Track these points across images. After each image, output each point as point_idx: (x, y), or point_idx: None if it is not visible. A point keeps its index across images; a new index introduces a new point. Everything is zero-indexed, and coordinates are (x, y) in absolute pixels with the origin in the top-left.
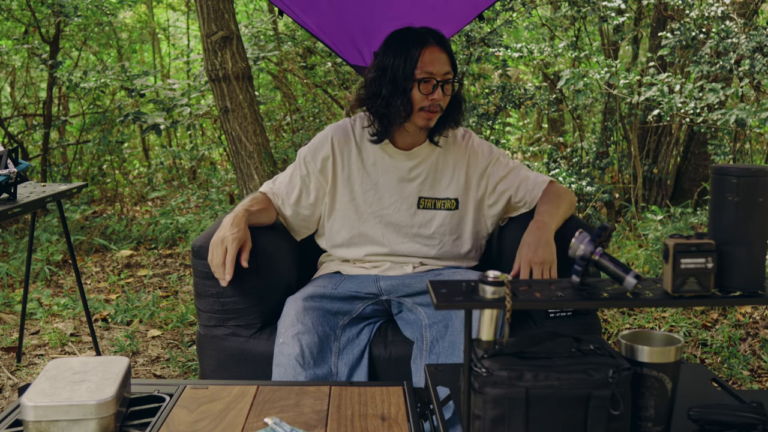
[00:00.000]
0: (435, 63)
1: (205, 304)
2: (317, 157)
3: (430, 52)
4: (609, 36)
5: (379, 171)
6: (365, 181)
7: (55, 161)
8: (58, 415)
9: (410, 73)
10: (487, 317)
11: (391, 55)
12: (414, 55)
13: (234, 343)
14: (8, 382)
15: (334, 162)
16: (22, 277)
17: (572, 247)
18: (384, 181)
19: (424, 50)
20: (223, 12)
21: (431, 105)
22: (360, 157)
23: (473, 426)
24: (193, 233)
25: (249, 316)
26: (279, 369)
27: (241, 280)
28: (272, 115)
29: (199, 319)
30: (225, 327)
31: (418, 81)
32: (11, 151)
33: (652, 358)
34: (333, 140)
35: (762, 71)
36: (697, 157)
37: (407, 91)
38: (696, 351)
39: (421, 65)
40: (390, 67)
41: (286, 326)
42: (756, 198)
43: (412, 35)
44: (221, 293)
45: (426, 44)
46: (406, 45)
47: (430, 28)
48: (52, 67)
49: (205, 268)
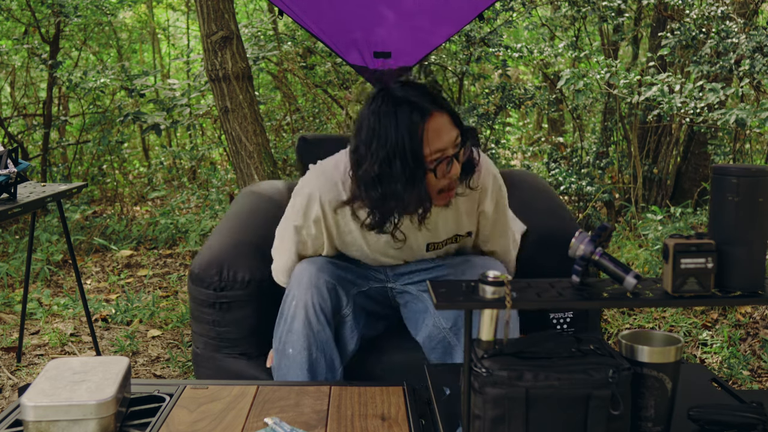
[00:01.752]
0: (442, 134)
1: (201, 329)
2: (308, 220)
3: (433, 123)
4: (609, 36)
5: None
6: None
7: (55, 161)
8: (58, 415)
9: (419, 159)
10: (487, 317)
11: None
12: (417, 135)
13: (231, 365)
14: (8, 382)
15: (326, 225)
16: (22, 277)
17: (572, 247)
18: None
19: (427, 124)
20: (223, 12)
21: (449, 183)
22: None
23: (473, 426)
24: (193, 233)
25: (245, 345)
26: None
27: (237, 310)
28: (272, 115)
29: (194, 342)
30: (221, 353)
31: (430, 167)
32: (11, 151)
33: (652, 358)
34: (322, 201)
35: (762, 71)
36: (697, 157)
37: (421, 181)
38: (696, 351)
39: (428, 144)
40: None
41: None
42: (756, 198)
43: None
44: (217, 321)
45: (425, 114)
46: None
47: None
48: (52, 67)
49: (202, 295)
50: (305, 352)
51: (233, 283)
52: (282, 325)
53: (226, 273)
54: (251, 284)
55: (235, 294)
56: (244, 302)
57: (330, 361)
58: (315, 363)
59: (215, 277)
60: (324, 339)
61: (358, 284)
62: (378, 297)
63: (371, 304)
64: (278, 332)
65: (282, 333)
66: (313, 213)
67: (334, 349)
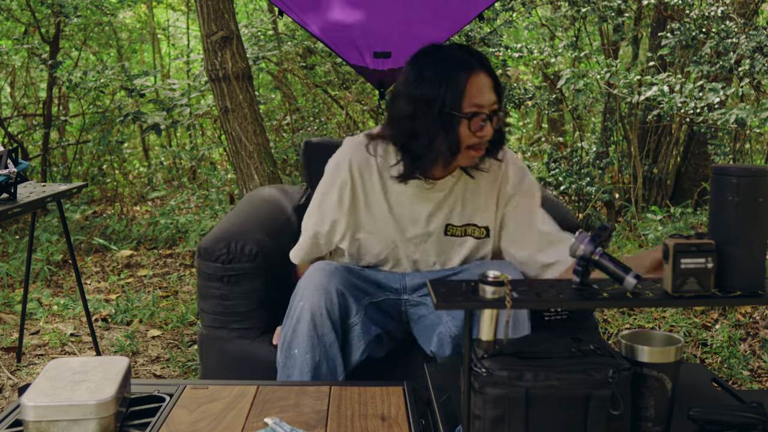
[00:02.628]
0: (483, 92)
1: (209, 305)
2: (334, 186)
3: (477, 80)
4: (609, 36)
5: (403, 203)
6: (387, 212)
7: (55, 161)
8: (58, 415)
9: (457, 107)
10: (486, 317)
11: (428, 83)
12: (460, 84)
13: (237, 346)
14: (8, 382)
15: (353, 188)
16: (22, 277)
17: (572, 247)
18: (408, 213)
19: (471, 78)
20: (223, 12)
21: (480, 143)
22: (383, 188)
23: (473, 426)
24: (193, 233)
25: (252, 319)
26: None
27: (245, 283)
28: (272, 115)
29: (201, 321)
30: (228, 329)
31: (466, 116)
32: (11, 151)
33: (652, 358)
34: (351, 164)
35: (762, 71)
36: (697, 157)
37: (453, 129)
38: (696, 351)
39: (469, 97)
40: (430, 100)
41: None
42: (756, 198)
43: (453, 58)
44: (225, 296)
45: (472, 70)
46: (447, 71)
47: (468, 48)
48: (52, 67)
49: (210, 270)
50: (309, 355)
51: (241, 256)
52: (288, 324)
53: (234, 246)
54: (259, 257)
55: (243, 267)
56: (252, 275)
57: (333, 366)
58: (318, 366)
59: (223, 250)
60: (328, 343)
61: (372, 294)
62: (391, 311)
63: (383, 318)
64: (284, 329)
65: (288, 331)
66: (340, 177)
67: (337, 354)
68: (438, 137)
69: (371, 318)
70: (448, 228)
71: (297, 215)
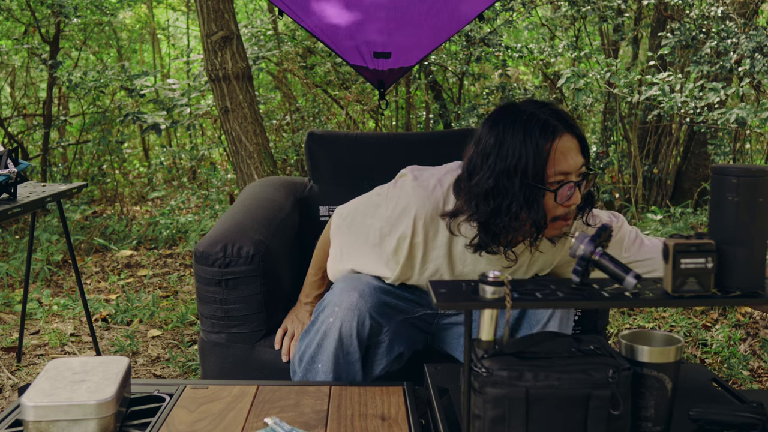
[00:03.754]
0: (569, 157)
1: (208, 310)
2: (393, 234)
3: (562, 143)
4: (609, 36)
5: (466, 261)
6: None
7: (55, 161)
8: (58, 415)
9: (540, 176)
10: (487, 317)
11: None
12: (543, 151)
13: (237, 351)
14: (8, 382)
15: (411, 245)
16: (22, 277)
17: (572, 247)
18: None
19: (557, 142)
20: (223, 12)
21: (568, 212)
22: (449, 248)
23: (473, 426)
24: (193, 233)
25: (253, 323)
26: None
27: (243, 286)
28: (272, 115)
29: (202, 325)
30: (228, 334)
31: (551, 188)
32: (11, 151)
33: (652, 358)
34: (417, 216)
35: (762, 71)
36: (697, 157)
37: (538, 202)
38: (696, 351)
39: (554, 164)
40: (510, 172)
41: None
42: (756, 198)
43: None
44: (224, 300)
45: (557, 133)
46: (528, 138)
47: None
48: (52, 67)
49: (207, 274)
50: (332, 373)
51: (238, 259)
52: (313, 337)
53: (231, 249)
54: (256, 258)
55: (241, 270)
56: (251, 278)
57: (351, 380)
58: (339, 380)
59: (220, 254)
60: (352, 361)
61: (406, 311)
62: (423, 326)
63: (414, 334)
64: (307, 338)
65: (312, 344)
66: (401, 227)
67: (359, 371)
68: (522, 211)
69: (399, 334)
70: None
71: (299, 208)
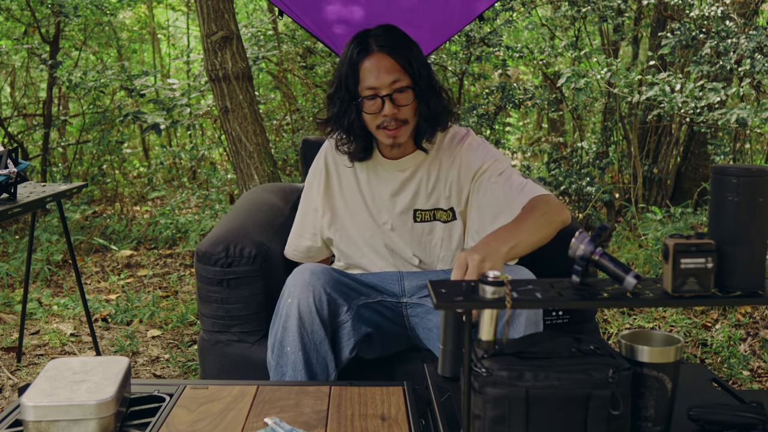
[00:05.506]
0: (377, 74)
1: (209, 309)
2: (316, 176)
3: (369, 63)
4: (609, 36)
5: (371, 184)
6: (358, 195)
7: (55, 161)
8: (58, 415)
9: (354, 91)
10: (487, 317)
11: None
12: (356, 68)
13: (237, 350)
14: (8, 382)
15: (327, 175)
16: (22, 277)
17: (572, 247)
18: (377, 198)
19: (364, 62)
20: (223, 12)
21: (385, 121)
22: (355, 176)
23: (473, 426)
24: (193, 233)
25: (253, 323)
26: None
27: (244, 286)
28: (272, 115)
29: (202, 324)
30: (228, 333)
31: (364, 99)
32: (11, 151)
33: (652, 358)
34: (327, 155)
35: (762, 71)
36: (697, 157)
37: (359, 110)
38: (696, 351)
39: (363, 80)
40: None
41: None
42: (756, 198)
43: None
44: (225, 299)
45: (366, 52)
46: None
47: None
48: (52, 67)
49: (209, 274)
50: (301, 352)
51: (240, 259)
52: (277, 323)
53: (233, 249)
54: (258, 259)
55: (242, 270)
56: (252, 278)
57: (324, 364)
58: (309, 363)
59: (222, 254)
60: (318, 341)
61: (366, 294)
62: (387, 313)
63: (376, 318)
64: (274, 328)
65: (278, 329)
66: (319, 166)
67: (328, 351)
68: (346, 118)
69: (363, 317)
70: (416, 214)
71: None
